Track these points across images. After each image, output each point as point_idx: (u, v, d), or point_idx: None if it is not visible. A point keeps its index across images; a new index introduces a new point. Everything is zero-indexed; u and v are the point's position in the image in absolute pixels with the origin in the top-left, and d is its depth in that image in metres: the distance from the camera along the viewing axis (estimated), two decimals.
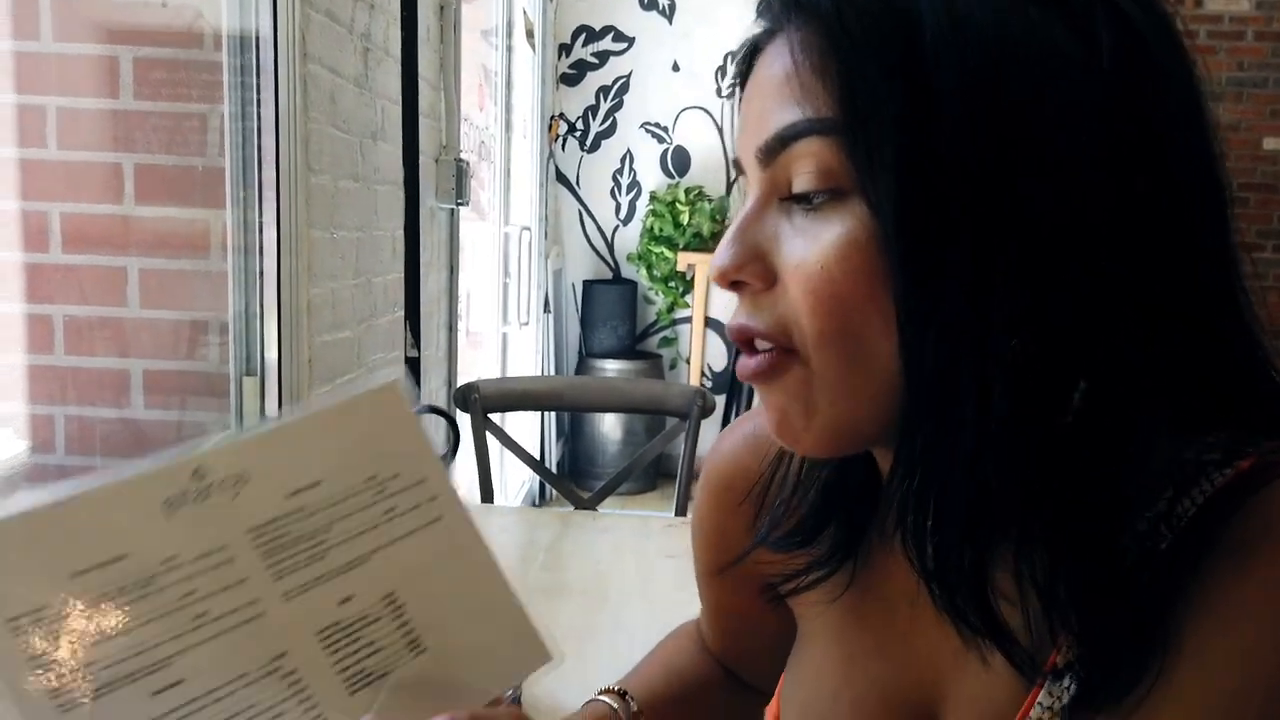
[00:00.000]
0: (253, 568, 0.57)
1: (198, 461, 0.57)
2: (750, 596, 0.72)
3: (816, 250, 0.44)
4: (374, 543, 0.62)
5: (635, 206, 4.54)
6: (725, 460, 0.68)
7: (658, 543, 1.35)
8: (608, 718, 0.75)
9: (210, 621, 0.54)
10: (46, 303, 1.44)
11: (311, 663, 0.57)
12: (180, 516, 0.55)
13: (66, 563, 0.51)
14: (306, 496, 0.60)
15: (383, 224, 1.86)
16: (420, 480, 0.66)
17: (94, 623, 0.51)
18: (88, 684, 0.50)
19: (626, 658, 0.82)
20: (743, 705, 0.84)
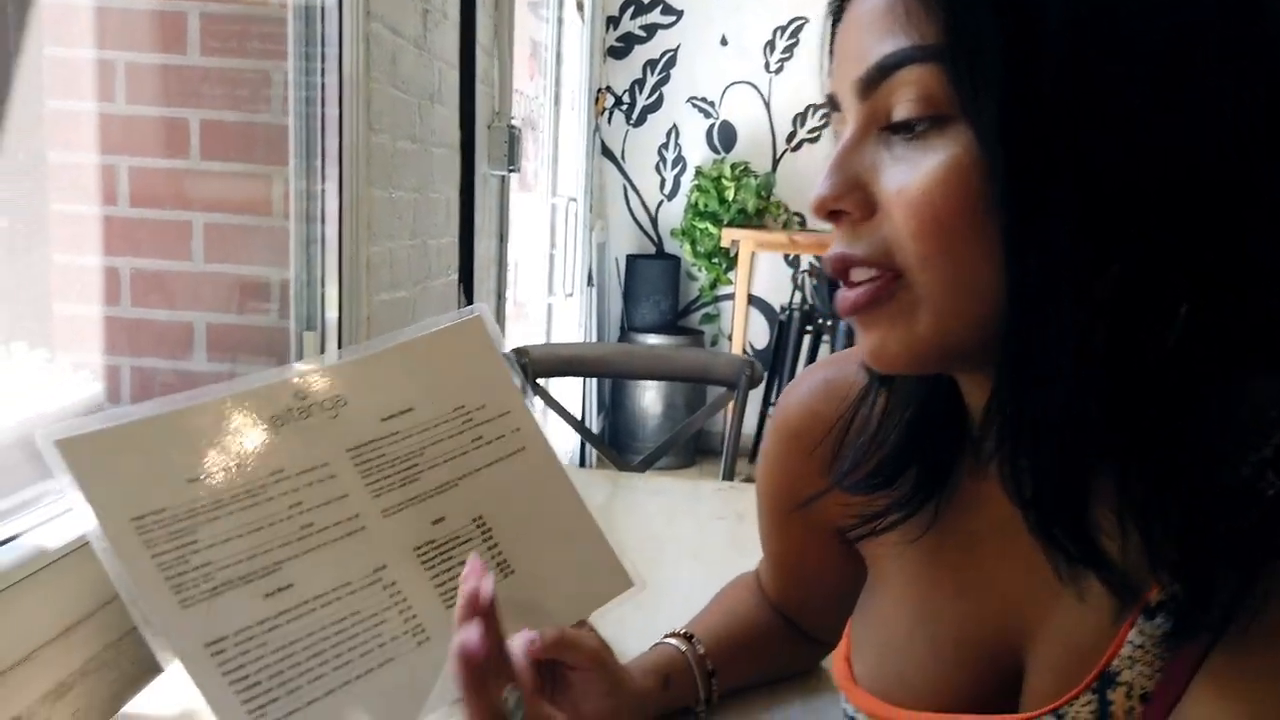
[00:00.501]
0: (353, 485, 0.59)
1: (300, 382, 0.60)
2: (818, 543, 0.72)
3: (919, 176, 0.45)
4: (463, 468, 0.65)
5: (680, 182, 4.53)
6: (800, 406, 0.68)
7: (708, 505, 1.35)
8: (676, 659, 0.76)
9: (316, 532, 0.56)
10: (115, 255, 1.47)
11: (409, 576, 0.59)
12: (285, 432, 0.58)
13: (184, 468, 0.54)
14: (399, 421, 0.63)
15: (438, 187, 1.87)
16: (505, 412, 0.69)
17: (210, 526, 0.53)
18: (206, 583, 0.52)
19: (683, 611, 0.83)
20: (802, 653, 0.85)
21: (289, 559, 0.54)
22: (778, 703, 0.81)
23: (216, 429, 0.55)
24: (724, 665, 0.77)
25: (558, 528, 0.68)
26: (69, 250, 1.46)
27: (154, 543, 0.50)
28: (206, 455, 0.54)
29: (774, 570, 0.80)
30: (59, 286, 1.45)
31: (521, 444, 0.68)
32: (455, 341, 0.67)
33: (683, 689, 0.75)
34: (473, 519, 0.63)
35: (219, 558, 0.52)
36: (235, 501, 0.54)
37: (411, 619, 0.58)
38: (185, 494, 0.52)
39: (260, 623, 0.52)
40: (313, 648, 0.53)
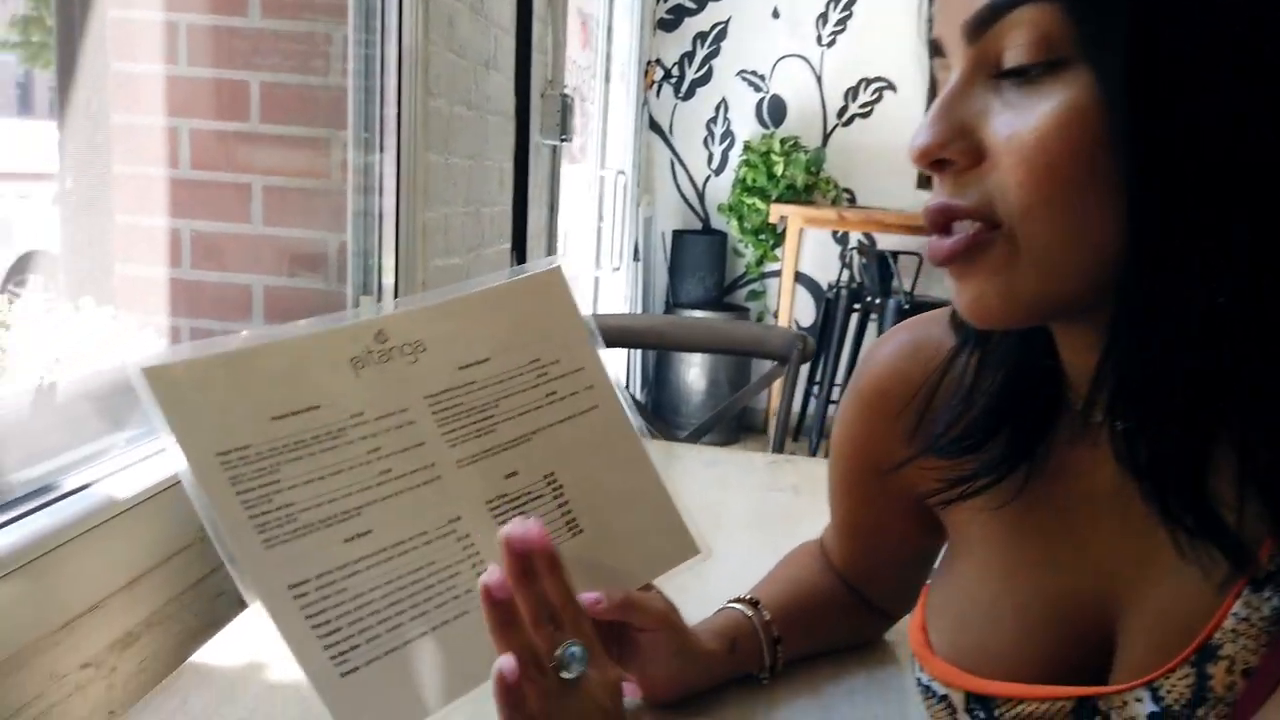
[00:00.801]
0: (430, 433, 0.59)
1: (380, 324, 0.59)
2: (894, 508, 0.71)
3: (1032, 122, 0.43)
4: (536, 423, 0.64)
5: (728, 156, 4.49)
6: (884, 368, 0.67)
7: (761, 477, 1.34)
8: (741, 624, 0.75)
9: (394, 479, 0.56)
10: (176, 217, 1.48)
11: (482, 530, 0.59)
12: (366, 375, 0.57)
13: (266, 406, 0.53)
14: (476, 371, 0.62)
15: (492, 154, 1.86)
16: (579, 368, 0.68)
17: (293, 466, 0.53)
18: (289, 524, 0.52)
19: (741, 580, 0.82)
20: (867, 623, 0.84)
21: (367, 504, 0.54)
22: (843, 673, 0.79)
23: (300, 367, 0.54)
24: (789, 633, 0.76)
25: (627, 489, 0.67)
26: (132, 212, 1.47)
27: (239, 480, 0.50)
28: (290, 393, 0.54)
29: (843, 537, 0.78)
30: (122, 247, 1.47)
31: (594, 402, 0.67)
32: (534, 292, 0.66)
33: (748, 655, 0.74)
34: (544, 475, 0.63)
35: (301, 499, 0.52)
36: (317, 442, 0.53)
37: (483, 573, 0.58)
38: (269, 431, 0.52)
39: (340, 567, 0.52)
40: (390, 596, 0.53)
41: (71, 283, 1.23)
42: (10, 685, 0.68)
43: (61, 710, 0.73)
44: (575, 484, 0.64)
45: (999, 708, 0.57)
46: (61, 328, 0.91)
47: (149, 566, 0.83)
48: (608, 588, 0.63)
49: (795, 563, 0.84)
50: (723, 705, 0.73)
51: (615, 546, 0.65)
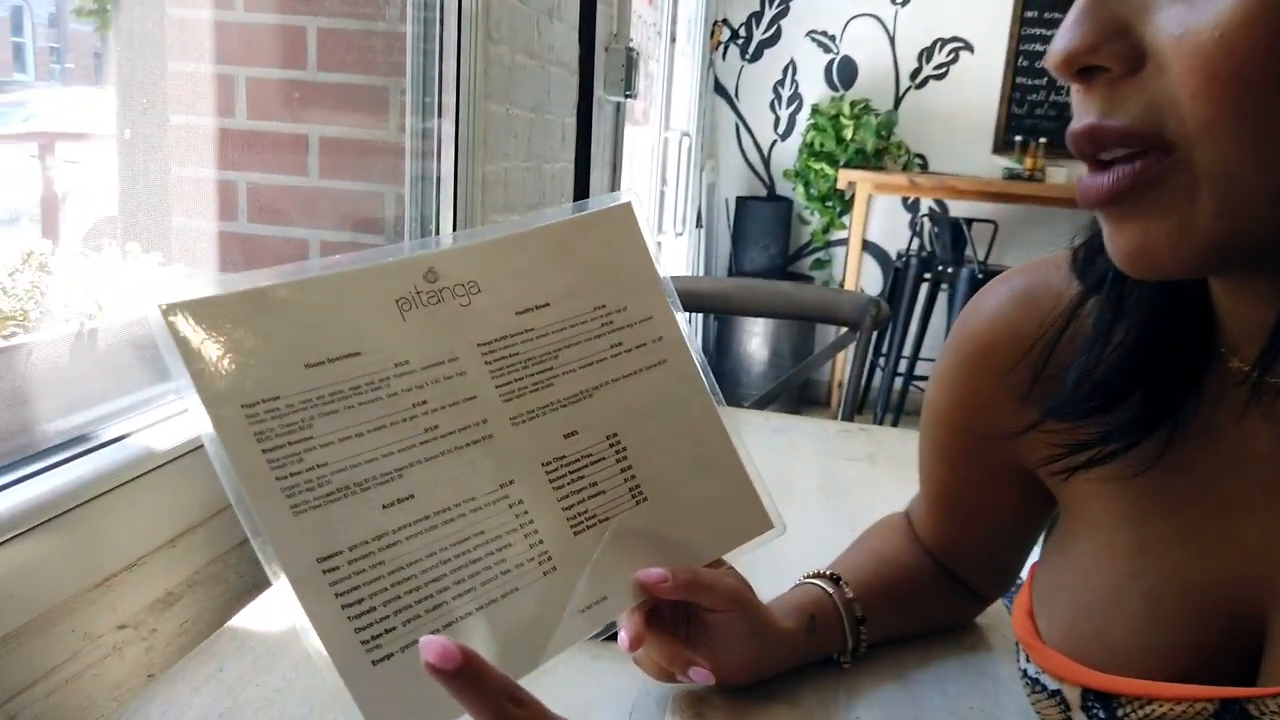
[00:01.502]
0: (482, 385, 0.52)
1: (430, 261, 0.52)
2: (997, 478, 0.63)
3: (1210, 14, 0.34)
4: (599, 377, 0.58)
5: (795, 120, 4.36)
6: (993, 319, 0.59)
7: (834, 445, 1.27)
8: (821, 600, 0.68)
9: (440, 436, 0.50)
10: (231, 169, 1.44)
11: (537, 495, 0.52)
12: (413, 318, 0.51)
13: (300, 352, 0.47)
14: (535, 317, 0.56)
15: (554, 108, 1.80)
16: (647, 317, 0.61)
17: (327, 420, 0.47)
18: (321, 487, 0.45)
19: (816, 554, 0.75)
20: (958, 606, 0.76)
21: (410, 465, 0.48)
22: (931, 658, 0.72)
23: (339, 308, 0.48)
24: (873, 613, 0.69)
25: (697, 455, 0.61)
26: (187, 163, 1.44)
27: (266, 435, 0.44)
28: (327, 337, 0.47)
29: (936, 510, 0.71)
30: (177, 198, 1.43)
31: (664, 356, 0.61)
32: (602, 230, 0.60)
33: (828, 635, 0.68)
34: (606, 436, 0.57)
35: (335, 458, 0.46)
36: (356, 394, 0.47)
37: (538, 544, 0.52)
38: (302, 380, 0.46)
39: (377, 537, 0.46)
40: (432, 571, 0.47)
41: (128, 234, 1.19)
42: (41, 645, 0.64)
43: (96, 672, 0.69)
44: (640, 447, 0.58)
45: (1122, 707, 0.49)
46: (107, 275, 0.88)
47: (191, 524, 0.79)
48: (673, 564, 0.57)
49: (879, 536, 0.77)
50: (798, 690, 0.66)
51: (682, 518, 0.59)
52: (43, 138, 1.14)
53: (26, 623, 0.63)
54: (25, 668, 0.63)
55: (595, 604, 0.53)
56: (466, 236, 0.55)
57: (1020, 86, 4.15)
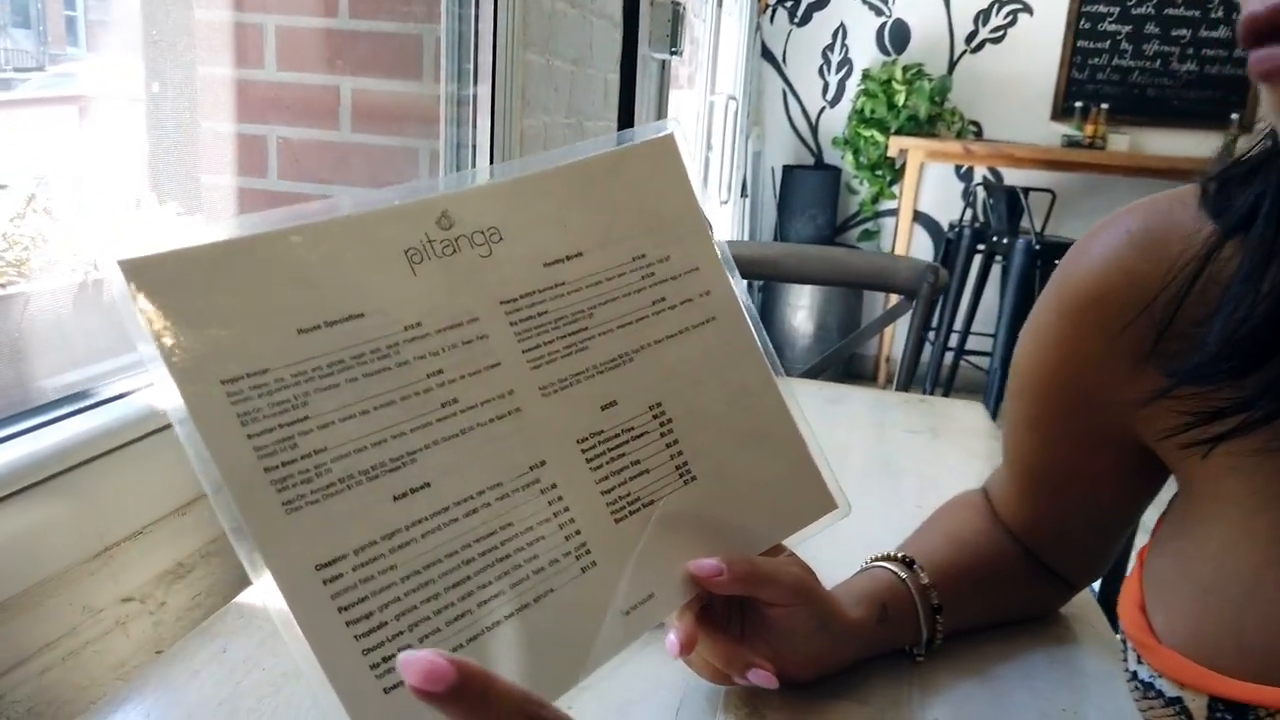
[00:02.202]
0: (507, 350, 0.45)
1: (445, 204, 0.44)
2: (1100, 451, 0.55)
3: None
4: (640, 338, 0.50)
5: (845, 87, 4.23)
6: (1105, 267, 0.50)
7: (895, 417, 1.19)
8: (894, 587, 0.60)
9: (460, 412, 0.42)
10: (261, 123, 1.38)
11: (573, 477, 0.45)
12: (425, 272, 0.43)
13: (291, 314, 0.39)
14: (566, 269, 0.48)
15: (597, 62, 1.71)
16: (693, 269, 0.53)
17: (326, 397, 0.39)
18: (319, 478, 0.38)
19: (879, 532, 0.68)
20: (1043, 595, 0.68)
21: (426, 448, 0.41)
22: (1013, 652, 0.64)
23: (338, 261, 0.41)
24: (951, 601, 0.61)
25: (752, 426, 0.53)
26: (216, 117, 1.38)
27: (252, 416, 0.37)
28: (324, 296, 0.40)
29: (1024, 487, 0.63)
30: (207, 153, 1.38)
31: (712, 312, 0.53)
32: (640, 167, 0.52)
33: (901, 625, 0.60)
34: (649, 407, 0.49)
35: (336, 442, 0.39)
36: (359, 364, 0.40)
37: (574, 535, 0.45)
38: (295, 349, 0.39)
39: (388, 536, 0.39)
40: (453, 575, 0.40)
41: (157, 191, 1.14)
42: (35, 619, 0.59)
43: (98, 648, 0.63)
44: (687, 418, 0.51)
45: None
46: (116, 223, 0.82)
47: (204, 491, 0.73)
48: (728, 552, 0.49)
49: (955, 516, 0.69)
50: (867, 685, 0.59)
51: (736, 498, 0.52)
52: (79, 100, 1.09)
53: (18, 594, 0.57)
54: (17, 643, 0.58)
55: (641, 603, 0.46)
56: (486, 175, 0.47)
57: (1081, 50, 3.98)
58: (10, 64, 0.98)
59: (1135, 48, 3.92)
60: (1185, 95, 3.94)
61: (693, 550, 0.49)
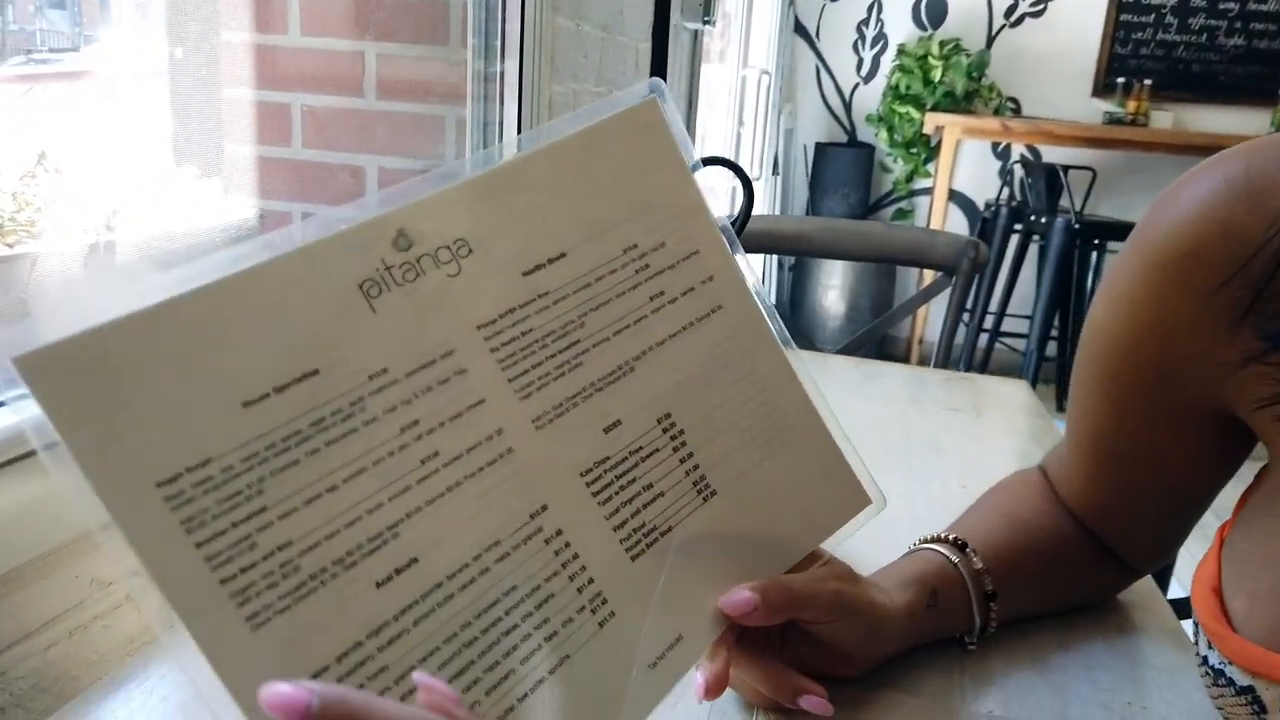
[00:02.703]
0: (490, 383, 0.39)
1: (400, 221, 0.38)
2: (1174, 423, 0.51)
3: None
4: (640, 343, 0.45)
5: (879, 62, 4.14)
6: (1198, 218, 0.46)
7: (934, 393, 1.14)
8: (945, 571, 0.56)
9: (443, 466, 0.37)
10: (285, 90, 1.35)
11: (579, 518, 0.40)
12: (385, 306, 0.37)
13: (232, 386, 0.33)
14: (549, 276, 0.42)
15: (628, 30, 1.67)
16: (692, 252, 0.47)
17: (284, 479, 0.33)
18: (286, 580, 0.33)
19: (925, 512, 0.64)
20: (1105, 579, 0.64)
21: (407, 517, 0.36)
22: (1072, 640, 0.60)
23: (280, 309, 0.35)
24: (1006, 586, 0.57)
25: (772, 424, 0.49)
26: (239, 84, 1.35)
27: (198, 521, 0.31)
28: (269, 356, 0.34)
29: (1091, 462, 0.58)
30: (229, 121, 1.35)
31: (718, 300, 0.48)
32: (620, 142, 0.46)
33: (952, 612, 0.56)
34: (657, 420, 0.45)
35: (303, 531, 0.33)
36: (320, 431, 0.35)
37: (587, 586, 0.40)
38: (242, 427, 0.33)
39: (375, 632, 0.34)
40: (454, 663, 0.36)
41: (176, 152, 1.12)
42: (41, 591, 0.56)
43: (106, 623, 0.61)
44: (701, 426, 0.46)
45: None
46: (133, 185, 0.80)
47: None
48: (758, 572, 0.45)
49: (1010, 496, 0.65)
50: (916, 674, 0.55)
51: (762, 508, 0.47)
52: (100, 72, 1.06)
53: (20, 566, 0.55)
54: (22, 617, 0.55)
55: (669, 649, 0.42)
56: (441, 179, 0.41)
57: (1124, 24, 3.86)
58: (46, 44, 0.95)
59: (1180, 21, 3.80)
60: (1232, 70, 3.83)
61: (720, 575, 0.45)
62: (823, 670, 0.50)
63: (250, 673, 0.31)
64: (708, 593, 0.44)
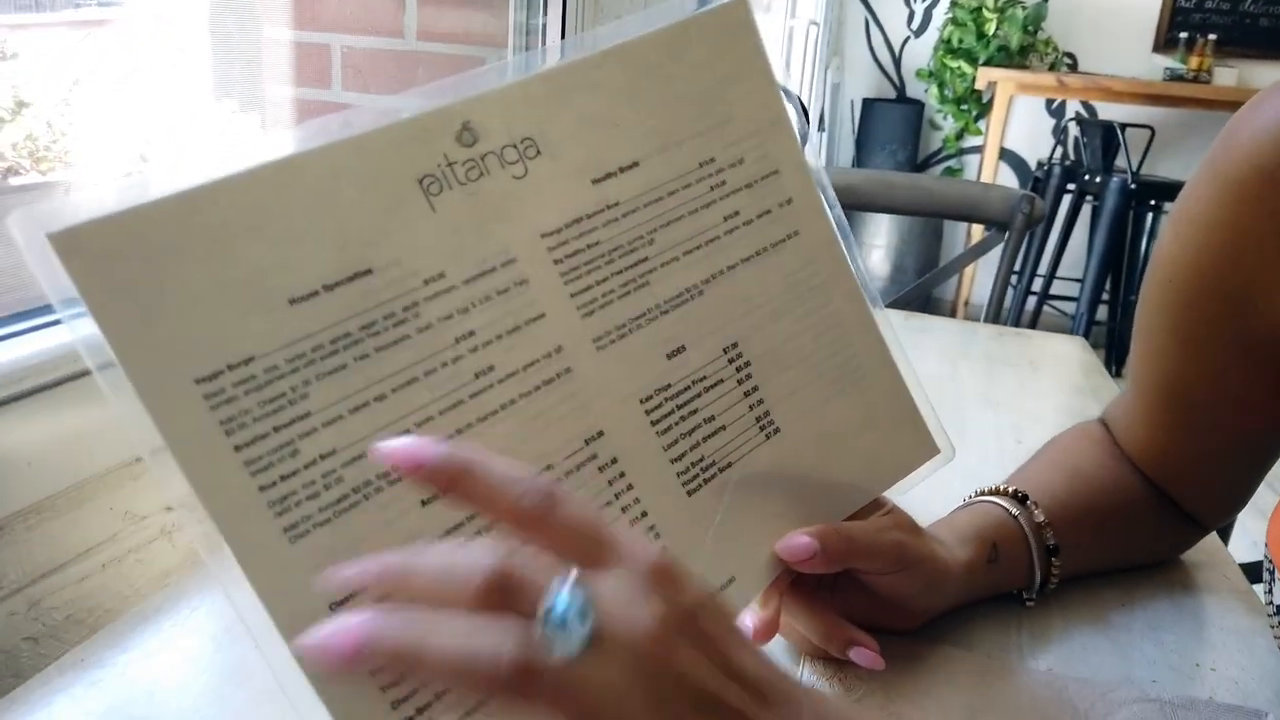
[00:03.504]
0: (552, 296, 0.37)
1: (466, 113, 0.36)
2: (1252, 363, 0.47)
3: None
4: (710, 265, 0.42)
5: (931, 15, 4.03)
6: (1279, 134, 0.42)
7: (987, 348, 1.10)
8: (1005, 525, 0.53)
9: (499, 382, 0.35)
10: (324, 30, 1.33)
11: (636, 447, 0.38)
12: (445, 205, 0.35)
13: (280, 280, 0.31)
14: (620, 186, 0.39)
15: None
16: (772, 172, 0.44)
17: (331, 384, 0.32)
18: (329, 489, 0.31)
19: (978, 468, 0.61)
20: (1171, 533, 0.60)
21: (458, 432, 0.34)
22: (1134, 598, 0.57)
23: (333, 201, 0.33)
24: (1068, 541, 0.54)
25: (842, 363, 0.46)
26: (279, 24, 1.33)
27: (239, 422, 0.30)
28: (320, 251, 0.32)
29: (1158, 408, 0.55)
30: (269, 62, 1.33)
31: (794, 226, 0.45)
32: (703, 46, 0.43)
33: (1011, 567, 0.53)
34: (724, 349, 0.42)
35: (348, 440, 0.32)
36: (371, 335, 0.33)
37: (640, 518, 0.38)
38: (288, 325, 0.31)
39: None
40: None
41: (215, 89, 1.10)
42: (74, 521, 0.56)
43: (141, 557, 0.60)
44: (768, 359, 0.44)
45: None
46: (170, 116, 0.78)
47: None
48: (818, 516, 0.43)
49: (1071, 448, 0.61)
50: (971, 630, 0.53)
51: (827, 450, 0.45)
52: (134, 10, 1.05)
53: (52, 495, 0.54)
54: (52, 547, 0.54)
55: (722, 589, 0.40)
56: (513, 69, 0.38)
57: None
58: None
59: None
60: None
61: (778, 517, 0.42)
62: (874, 622, 0.48)
63: (286, 586, 0.30)
64: (764, 535, 0.42)
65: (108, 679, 0.45)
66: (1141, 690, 0.49)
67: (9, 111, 0.62)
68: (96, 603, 0.57)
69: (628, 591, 0.26)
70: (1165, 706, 0.47)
